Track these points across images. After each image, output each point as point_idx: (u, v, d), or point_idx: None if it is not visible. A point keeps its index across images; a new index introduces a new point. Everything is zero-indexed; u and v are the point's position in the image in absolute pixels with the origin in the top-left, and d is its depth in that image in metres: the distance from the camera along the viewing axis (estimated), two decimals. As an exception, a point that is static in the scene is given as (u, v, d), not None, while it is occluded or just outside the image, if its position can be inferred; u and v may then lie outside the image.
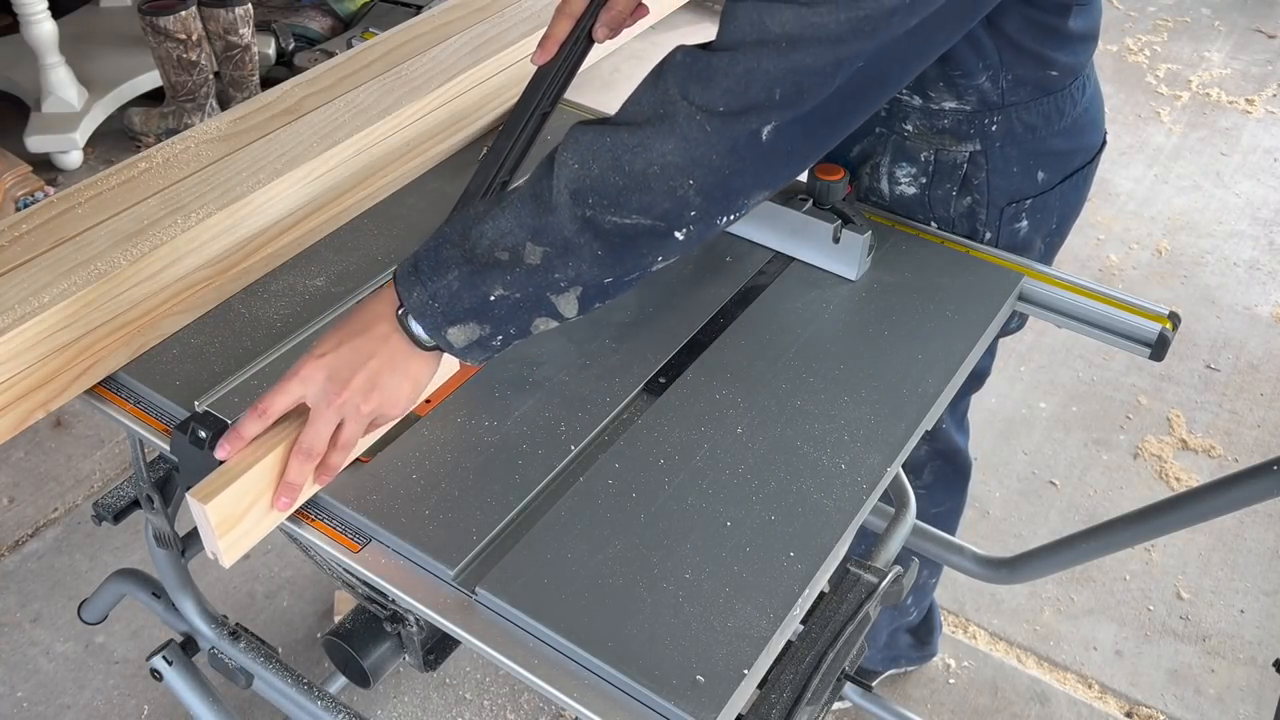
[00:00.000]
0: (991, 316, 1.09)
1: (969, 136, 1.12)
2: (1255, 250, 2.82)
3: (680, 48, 0.82)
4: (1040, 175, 1.16)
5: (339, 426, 0.86)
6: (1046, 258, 1.26)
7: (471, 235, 0.84)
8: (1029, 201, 1.17)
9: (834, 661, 0.86)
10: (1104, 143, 1.22)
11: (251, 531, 0.86)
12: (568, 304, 0.85)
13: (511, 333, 0.87)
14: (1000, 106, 1.09)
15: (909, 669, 1.86)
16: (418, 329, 0.86)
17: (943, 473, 1.54)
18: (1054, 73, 1.08)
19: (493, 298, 0.84)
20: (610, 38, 1.08)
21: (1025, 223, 1.19)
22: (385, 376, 0.86)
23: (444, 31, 1.36)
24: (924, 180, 1.17)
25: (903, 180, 1.18)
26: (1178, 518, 1.24)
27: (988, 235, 1.19)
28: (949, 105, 1.10)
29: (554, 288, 0.84)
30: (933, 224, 1.19)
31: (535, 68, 1.07)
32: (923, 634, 1.80)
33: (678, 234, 0.83)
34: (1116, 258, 2.79)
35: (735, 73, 0.78)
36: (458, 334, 0.85)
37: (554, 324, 0.87)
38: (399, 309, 0.86)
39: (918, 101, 1.11)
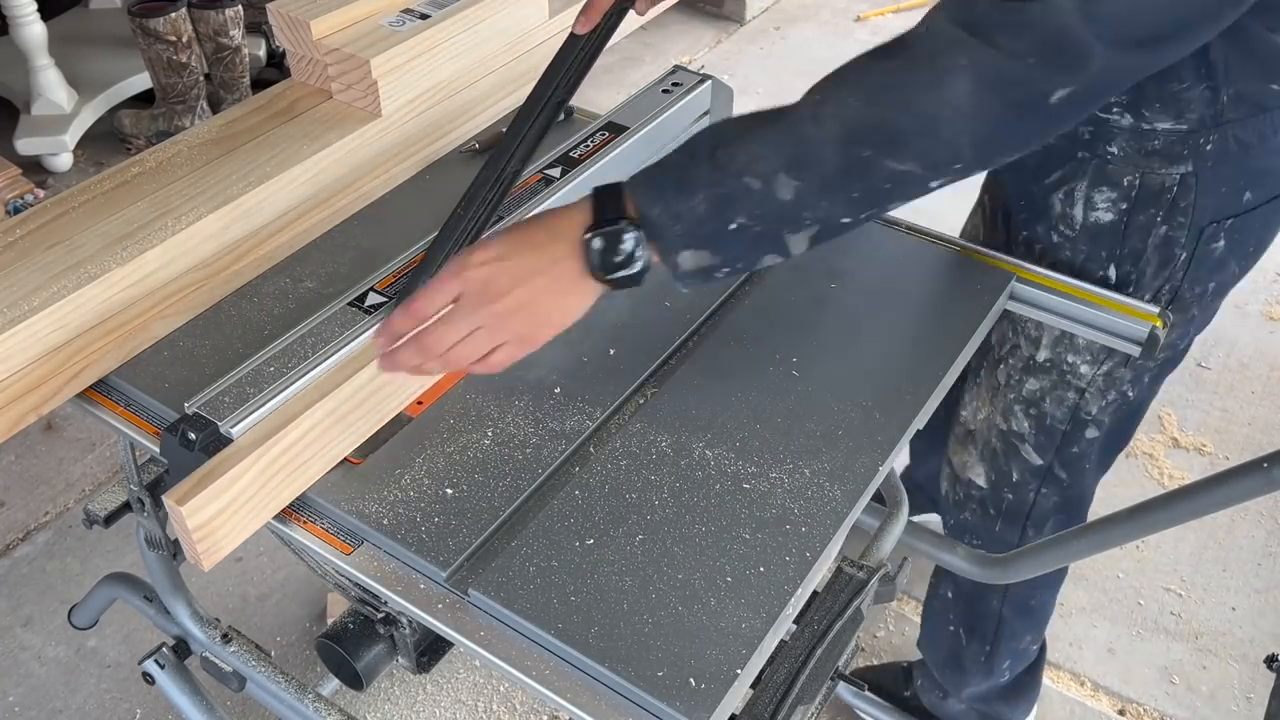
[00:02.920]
0: (982, 316, 1.10)
1: (1181, 158, 1.03)
2: (1245, 249, 2.83)
3: None
4: (1247, 195, 1.07)
5: (469, 334, 0.82)
6: (1236, 278, 1.19)
7: (719, 158, 0.79)
8: (1230, 221, 1.09)
9: (824, 659, 0.86)
10: None
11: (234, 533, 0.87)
12: (799, 243, 0.81)
13: (739, 266, 0.83)
14: (1217, 124, 1.01)
15: None
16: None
17: (1067, 526, 1.37)
18: (1275, 86, 1.00)
19: (732, 227, 0.79)
20: (650, 7, 1.09)
21: (1222, 243, 1.10)
22: (543, 299, 0.82)
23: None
24: (1124, 206, 1.08)
25: (1100, 206, 1.10)
26: (1169, 515, 1.24)
27: (1183, 257, 1.10)
28: (1163, 125, 1.01)
29: (796, 225, 0.80)
30: (1112, 266, 1.12)
31: (560, 48, 1.04)
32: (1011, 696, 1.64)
33: (933, 184, 0.80)
34: (1107, 257, 2.80)
35: (1049, 26, 0.73)
36: (689, 258, 0.81)
37: (778, 260, 0.82)
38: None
39: (1127, 121, 1.03)
